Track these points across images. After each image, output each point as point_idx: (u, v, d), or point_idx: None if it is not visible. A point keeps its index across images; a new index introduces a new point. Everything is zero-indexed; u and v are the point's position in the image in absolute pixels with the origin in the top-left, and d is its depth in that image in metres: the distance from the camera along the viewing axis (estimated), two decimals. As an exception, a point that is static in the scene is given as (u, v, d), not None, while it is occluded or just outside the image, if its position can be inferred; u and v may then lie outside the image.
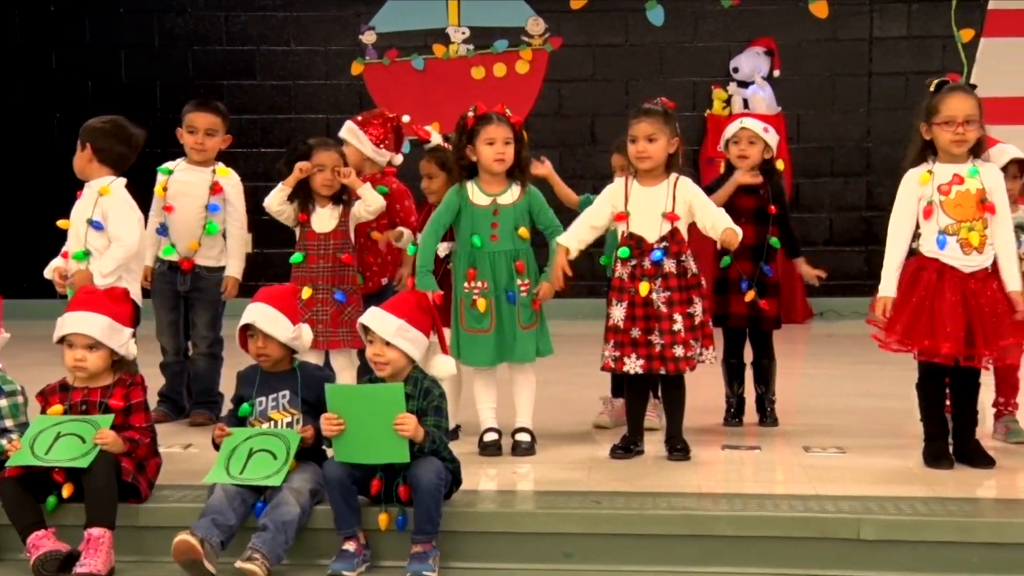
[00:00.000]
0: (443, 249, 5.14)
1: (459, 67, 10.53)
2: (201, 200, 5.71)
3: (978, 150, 4.74)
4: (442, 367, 4.31)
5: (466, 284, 4.99)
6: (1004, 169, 4.94)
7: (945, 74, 9.43)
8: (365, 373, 4.46)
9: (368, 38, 10.63)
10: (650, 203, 4.88)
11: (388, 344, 4.13)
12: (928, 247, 4.70)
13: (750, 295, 5.45)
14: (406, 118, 5.75)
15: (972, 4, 10.03)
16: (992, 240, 4.67)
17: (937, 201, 4.67)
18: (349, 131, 5.70)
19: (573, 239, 4.93)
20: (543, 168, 5.50)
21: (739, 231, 4.83)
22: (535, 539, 4.12)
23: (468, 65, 10.54)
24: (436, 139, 5.56)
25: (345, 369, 5.32)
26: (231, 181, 5.79)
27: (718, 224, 4.83)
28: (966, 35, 10.05)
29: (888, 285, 4.70)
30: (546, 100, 10.51)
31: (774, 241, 5.53)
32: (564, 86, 10.59)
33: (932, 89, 4.74)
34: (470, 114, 5.02)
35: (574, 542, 4.11)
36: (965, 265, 4.66)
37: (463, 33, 10.56)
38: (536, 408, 5.11)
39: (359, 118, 5.79)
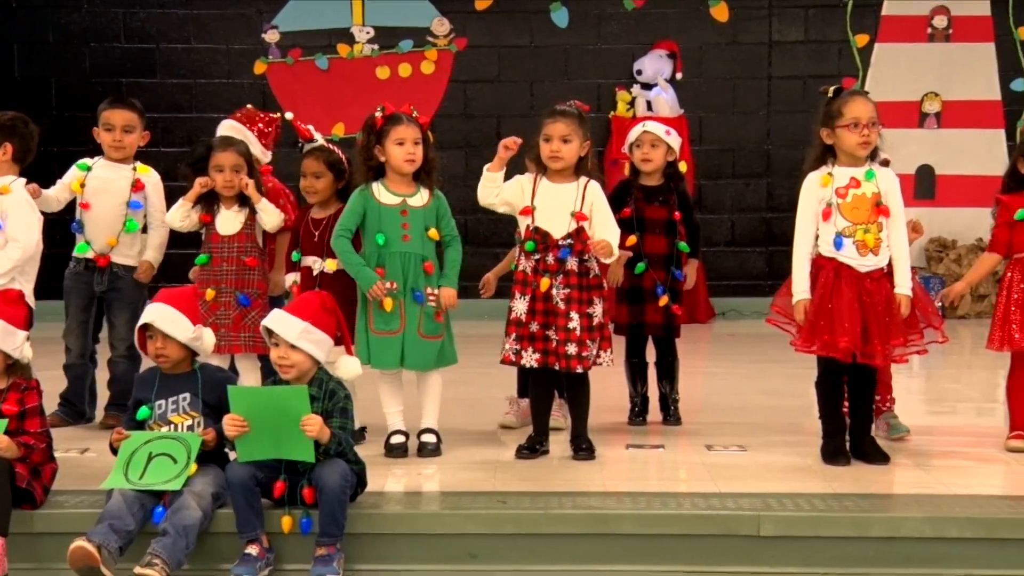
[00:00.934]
0: (317, 265, 5.13)
1: (364, 67, 10.48)
2: (122, 197, 5.62)
3: (874, 154, 4.86)
4: (347, 368, 4.29)
5: (375, 285, 4.96)
6: None
7: (841, 78, 9.68)
8: (269, 376, 4.41)
9: (271, 37, 10.53)
10: (559, 200, 4.91)
11: (293, 347, 4.09)
12: (826, 248, 4.79)
13: (664, 299, 5.51)
14: (289, 115, 5.68)
15: (866, 10, 10.26)
16: (887, 242, 4.78)
17: (835, 204, 4.76)
18: (235, 130, 5.59)
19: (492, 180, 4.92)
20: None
21: (616, 252, 4.91)
22: (440, 540, 4.11)
23: (373, 65, 10.49)
24: (319, 139, 5.49)
25: (249, 372, 5.25)
26: (152, 179, 5.73)
27: (606, 237, 4.88)
28: (861, 40, 10.28)
29: (802, 287, 4.78)
30: (452, 100, 10.51)
31: (682, 245, 5.59)
32: (469, 87, 10.60)
33: (830, 95, 4.84)
34: (378, 114, 4.98)
35: (479, 542, 4.11)
36: (861, 265, 4.76)
37: (368, 33, 10.51)
38: (442, 409, 5.10)
39: (240, 115, 5.69)
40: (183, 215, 5.28)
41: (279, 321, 4.14)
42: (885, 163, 5.08)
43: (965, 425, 6.04)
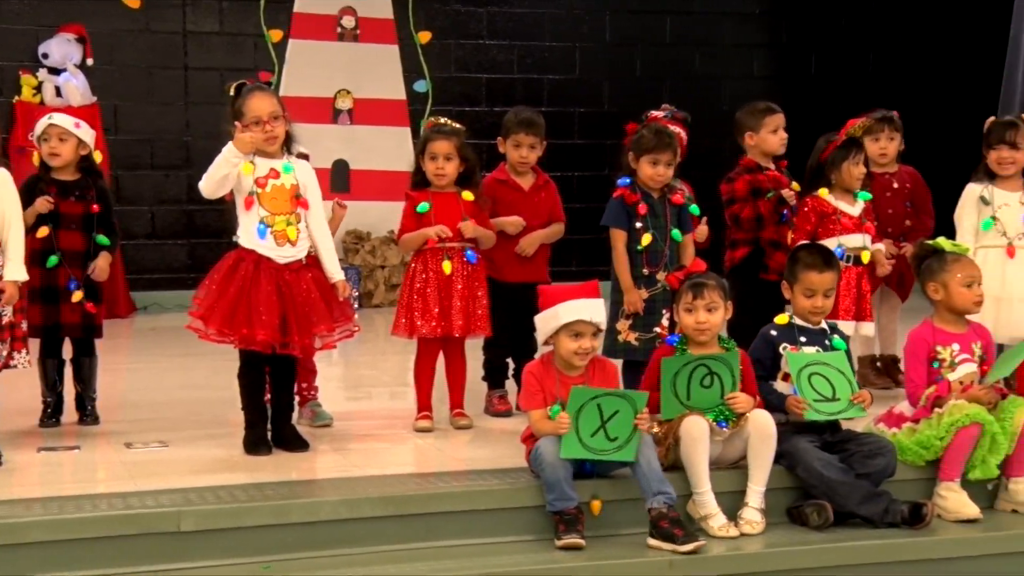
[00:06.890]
0: None
1: None
2: None
3: (289, 144, 4.99)
4: None
5: None
6: None
7: (258, 72, 9.82)
8: None
9: None
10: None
11: None
12: (247, 238, 4.86)
13: (78, 295, 5.30)
14: None
15: (279, 6, 10.46)
16: (310, 233, 4.94)
17: (256, 193, 4.85)
18: None
19: None
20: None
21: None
22: None
23: None
24: None
25: None
26: None
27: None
28: (275, 35, 10.46)
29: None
30: None
31: (101, 239, 5.41)
32: None
33: (232, 93, 4.91)
34: None
35: None
36: (280, 256, 4.88)
37: None
38: None
39: None
40: None
41: None
42: (304, 157, 5.26)
43: (380, 409, 6.37)
